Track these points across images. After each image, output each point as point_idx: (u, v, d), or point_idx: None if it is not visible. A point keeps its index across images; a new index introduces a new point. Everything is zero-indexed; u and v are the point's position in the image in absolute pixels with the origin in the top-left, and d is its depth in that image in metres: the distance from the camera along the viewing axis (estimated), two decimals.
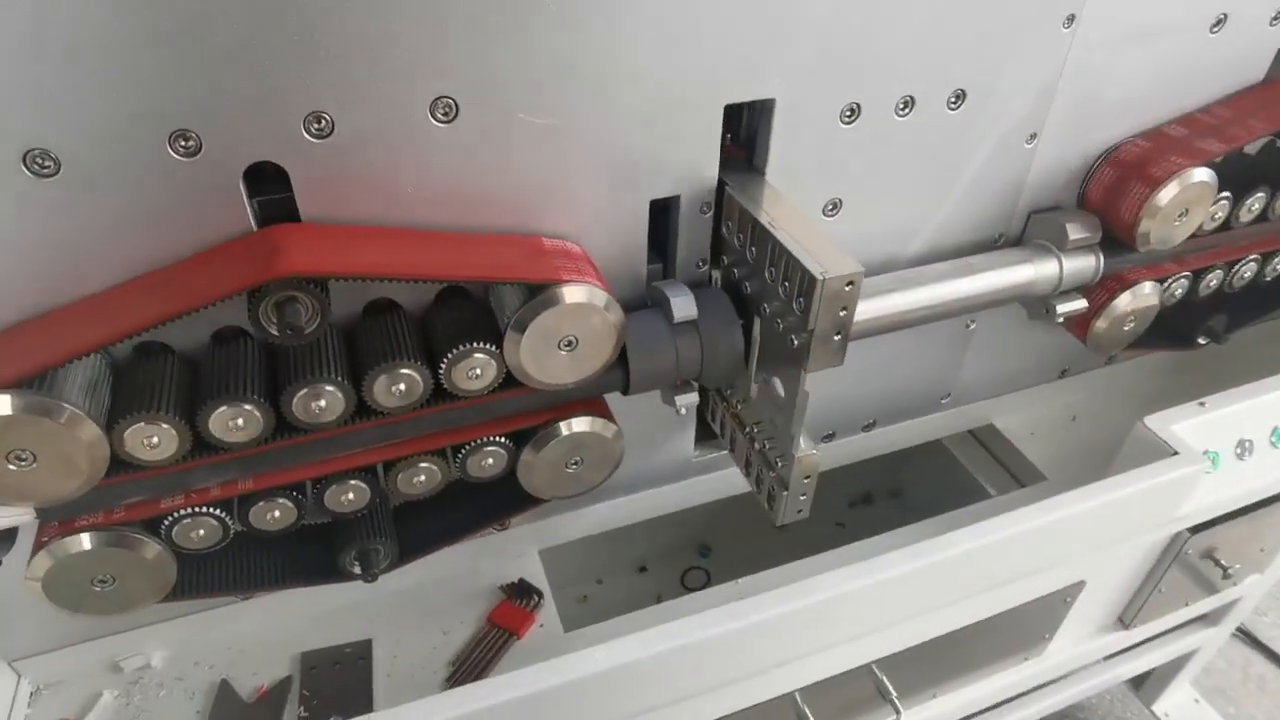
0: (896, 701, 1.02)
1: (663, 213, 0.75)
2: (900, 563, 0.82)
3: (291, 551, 0.77)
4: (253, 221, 0.62)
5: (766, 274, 0.69)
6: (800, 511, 0.81)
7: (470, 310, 0.69)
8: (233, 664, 0.84)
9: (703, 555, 1.29)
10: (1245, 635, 1.78)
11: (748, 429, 0.84)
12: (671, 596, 1.23)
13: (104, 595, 0.66)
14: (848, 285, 0.63)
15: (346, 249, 0.61)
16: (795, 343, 0.67)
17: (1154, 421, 0.92)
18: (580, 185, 0.69)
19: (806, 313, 0.64)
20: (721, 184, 0.73)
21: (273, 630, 0.86)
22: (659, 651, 0.74)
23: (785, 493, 0.79)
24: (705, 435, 0.95)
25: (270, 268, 0.57)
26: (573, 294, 0.64)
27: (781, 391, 0.73)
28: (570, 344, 0.66)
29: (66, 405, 0.56)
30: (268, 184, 0.61)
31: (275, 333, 0.59)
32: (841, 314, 0.65)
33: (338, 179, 0.62)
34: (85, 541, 0.63)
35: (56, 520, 0.63)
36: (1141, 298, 0.93)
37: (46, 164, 0.55)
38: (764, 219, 0.68)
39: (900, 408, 1.04)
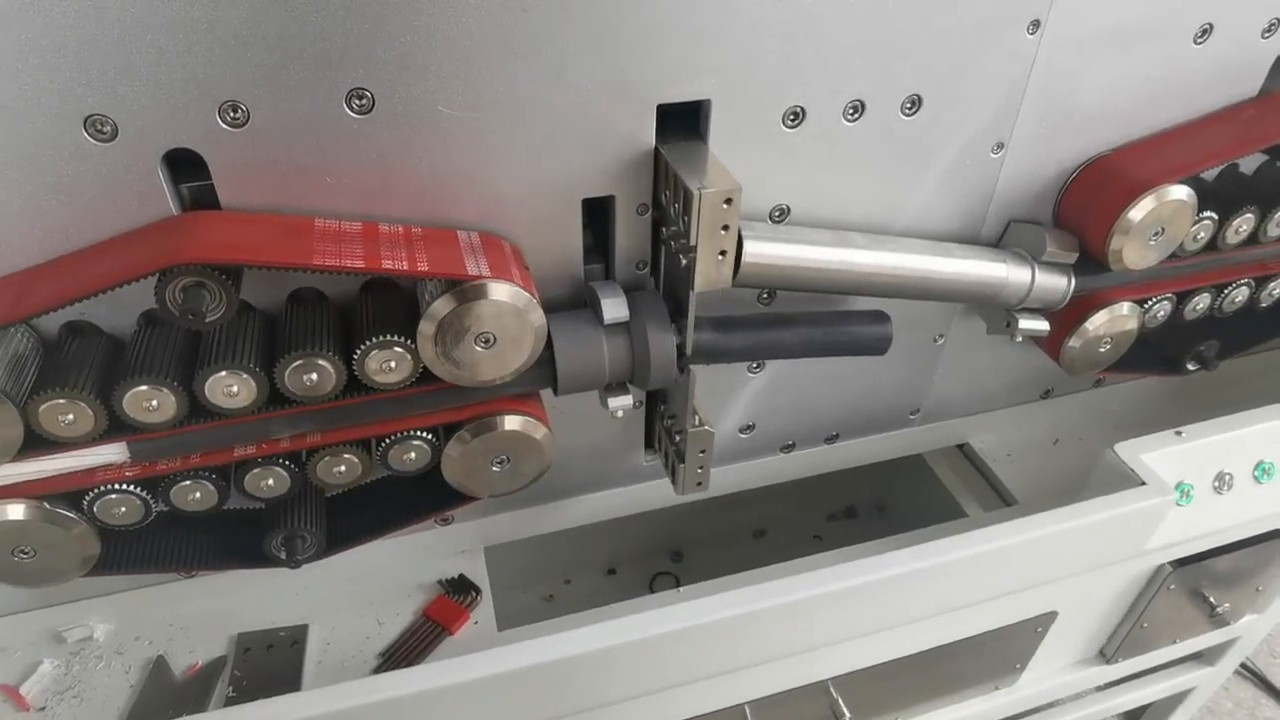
0: None
1: (600, 212, 0.74)
2: (842, 577, 0.80)
3: (223, 533, 0.78)
4: (174, 207, 0.63)
5: (671, 209, 0.69)
6: (700, 484, 0.85)
7: (393, 303, 0.69)
8: (172, 641, 0.85)
9: (674, 560, 1.28)
10: (1255, 676, 1.69)
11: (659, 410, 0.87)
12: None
13: (26, 566, 0.68)
14: (726, 201, 0.64)
15: (256, 238, 0.62)
16: (684, 262, 0.68)
17: (1124, 449, 0.88)
18: (506, 181, 0.68)
19: (688, 229, 0.65)
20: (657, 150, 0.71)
21: (215, 610, 0.87)
22: (585, 651, 0.74)
23: (682, 465, 0.82)
24: None
25: (172, 254, 0.57)
26: (491, 291, 0.64)
27: None
28: (487, 341, 0.66)
29: None
30: (198, 170, 0.62)
31: (178, 316, 0.59)
32: (723, 231, 0.65)
33: (255, 168, 0.62)
34: (5, 512, 0.65)
35: None
36: (1119, 319, 0.89)
37: None
38: (674, 161, 0.68)
39: (865, 422, 1.01)
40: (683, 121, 0.71)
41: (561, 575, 1.24)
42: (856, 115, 0.74)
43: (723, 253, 0.67)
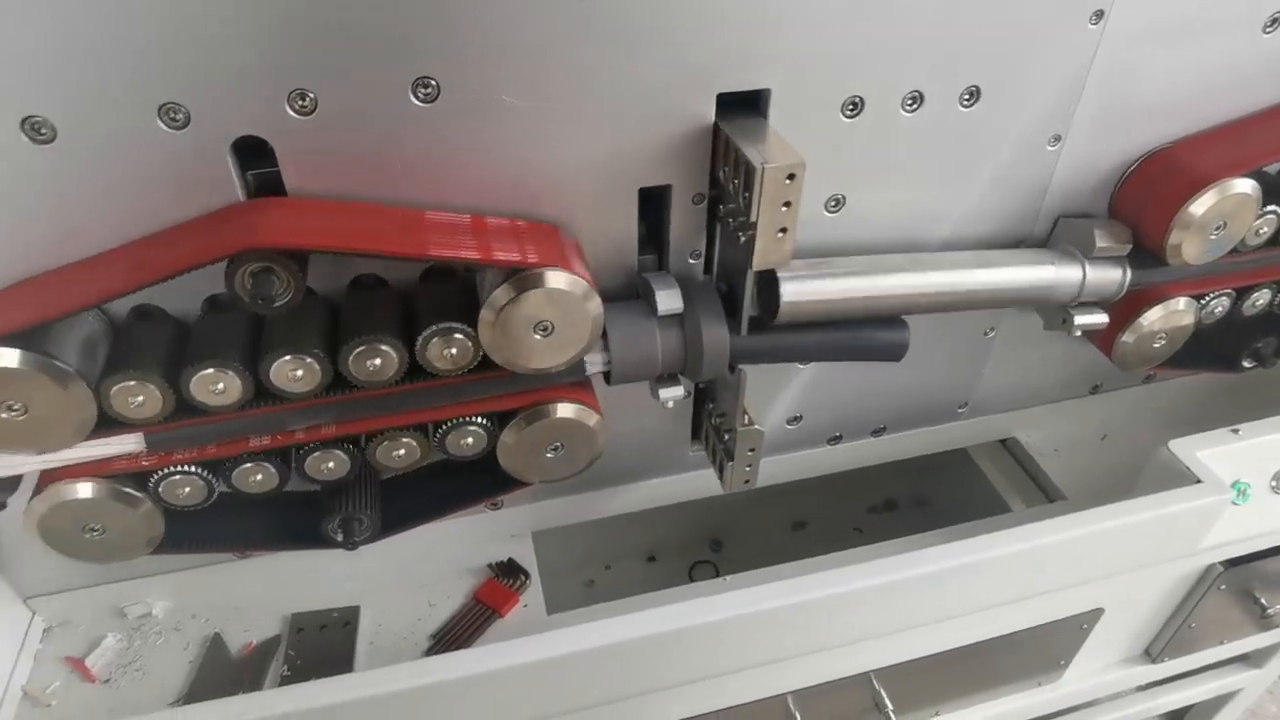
0: (891, 715, 0.99)
1: (655, 202, 0.74)
2: (892, 570, 0.80)
3: (281, 514, 0.79)
4: (242, 194, 0.64)
5: (730, 186, 0.68)
6: (747, 482, 0.84)
7: (452, 290, 0.70)
8: (228, 619, 0.87)
9: (714, 549, 1.28)
10: None
11: (706, 407, 0.87)
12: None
13: (95, 543, 0.70)
14: (789, 177, 0.63)
15: (319, 224, 0.63)
16: (743, 239, 0.67)
17: (1179, 446, 0.87)
18: (566, 171, 0.69)
19: (749, 205, 0.64)
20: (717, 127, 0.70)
21: (269, 590, 0.89)
22: (635, 637, 0.74)
23: (730, 463, 0.82)
24: None
25: (241, 239, 0.58)
26: (550, 279, 0.64)
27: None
28: (546, 329, 0.67)
29: (59, 362, 0.59)
30: (264, 158, 0.63)
31: (248, 301, 0.60)
32: (784, 208, 0.64)
33: (321, 155, 0.63)
34: (75, 491, 0.66)
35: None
36: (1174, 314, 0.88)
37: (44, 131, 0.57)
38: (735, 137, 0.67)
39: (913, 414, 1.01)
40: (738, 106, 0.71)
41: (602, 561, 1.25)
42: (915, 106, 0.74)
43: (783, 230, 0.66)
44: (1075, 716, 1.22)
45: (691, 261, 0.78)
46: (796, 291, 0.75)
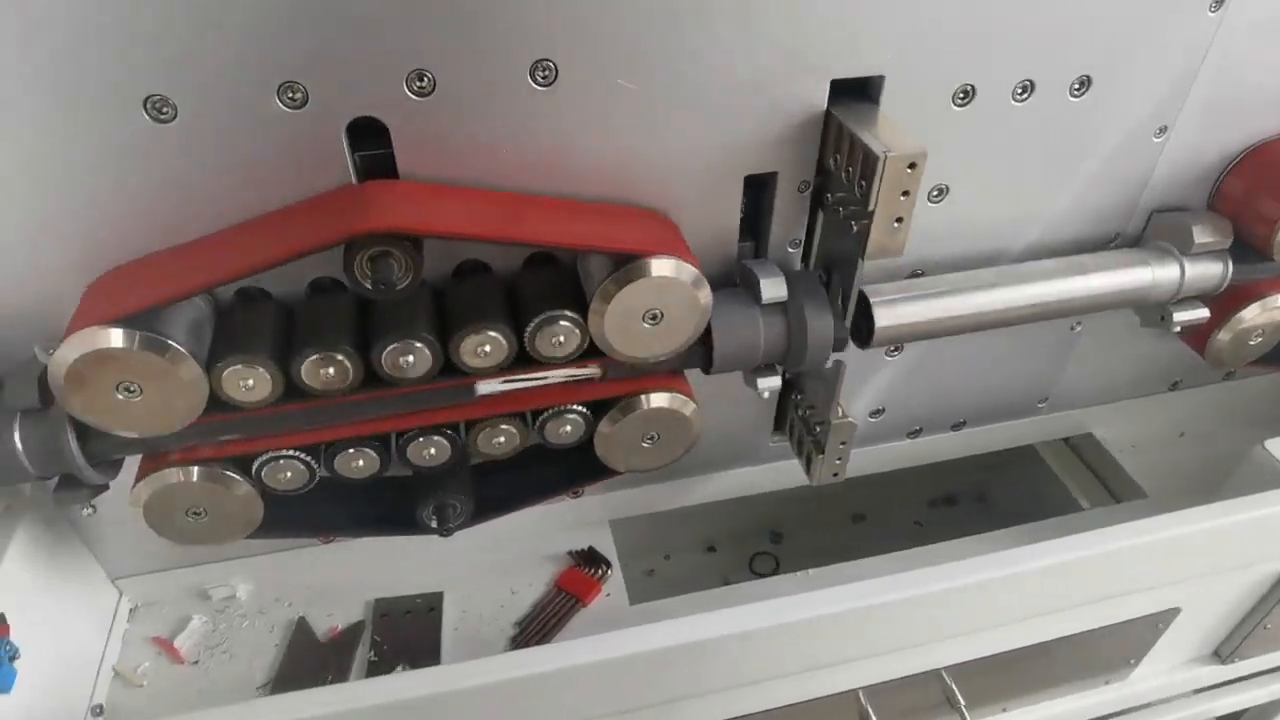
0: (965, 711, 0.98)
1: (756, 189, 0.73)
2: (981, 569, 0.79)
3: (370, 500, 0.79)
4: (353, 175, 0.63)
5: (843, 174, 0.67)
6: (836, 475, 0.84)
7: (558, 277, 0.70)
8: (310, 603, 0.87)
9: (773, 541, 1.28)
10: None
11: (793, 398, 0.86)
12: (738, 579, 1.23)
13: (196, 526, 0.69)
14: (910, 166, 0.61)
15: (438, 208, 0.62)
16: (855, 228, 0.66)
17: (1276, 446, 0.86)
18: (674, 156, 0.68)
19: (867, 194, 0.63)
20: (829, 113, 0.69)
21: (350, 575, 0.89)
22: (725, 634, 0.74)
23: (820, 456, 0.81)
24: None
25: (361, 222, 0.58)
26: (660, 267, 0.63)
27: None
28: (655, 318, 0.66)
29: (173, 343, 0.59)
30: (370, 139, 0.62)
31: (369, 286, 0.60)
32: (903, 198, 0.63)
33: (436, 138, 0.62)
34: (180, 474, 0.66)
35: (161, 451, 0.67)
36: (1272, 311, 0.86)
37: (165, 110, 0.57)
38: (850, 123, 0.66)
39: (993, 409, 1.00)
40: (849, 93, 0.69)
41: (661, 551, 1.25)
42: (1025, 95, 0.72)
43: (899, 220, 0.65)
44: (1137, 715, 1.21)
45: (790, 250, 0.77)
46: (891, 315, 0.75)
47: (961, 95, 0.71)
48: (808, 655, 0.82)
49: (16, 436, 0.63)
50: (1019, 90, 0.72)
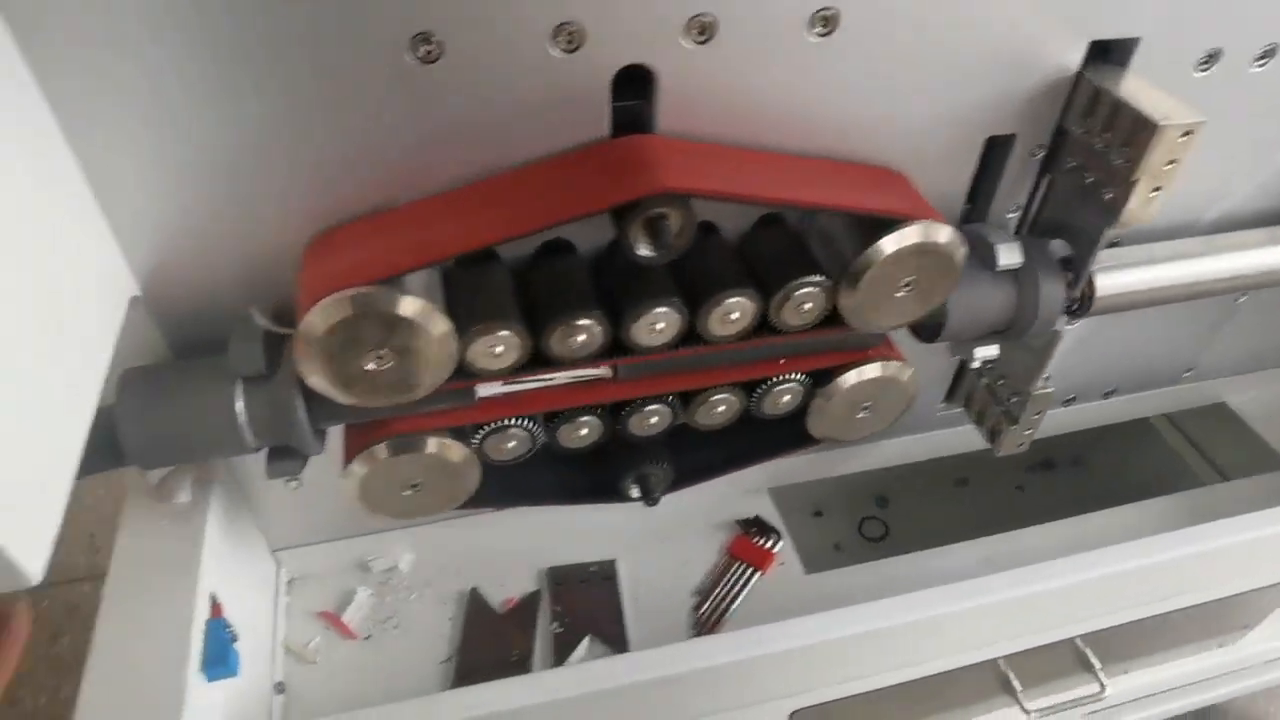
0: (1101, 676, 1.00)
1: (988, 152, 0.70)
2: (1149, 552, 0.79)
3: (563, 469, 0.76)
4: (608, 130, 0.59)
5: (1096, 140, 0.65)
6: (1021, 446, 0.83)
7: (793, 240, 0.66)
8: (477, 574, 0.84)
9: (879, 505, 1.27)
10: None
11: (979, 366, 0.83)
12: (849, 544, 1.23)
13: (411, 499, 0.66)
14: (1184, 134, 0.59)
15: (712, 167, 0.58)
16: (1108, 196, 0.64)
17: None
18: (924, 114, 0.64)
19: (1135, 162, 0.61)
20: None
21: (512, 544, 0.86)
22: (917, 619, 0.73)
23: (1013, 427, 0.80)
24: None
25: (653, 182, 0.54)
26: (931, 232, 0.60)
27: None
28: (910, 285, 0.63)
29: (436, 310, 0.54)
30: (627, 92, 0.58)
31: (643, 251, 0.56)
32: (1167, 167, 0.61)
33: (704, 90, 0.58)
34: (409, 445, 0.63)
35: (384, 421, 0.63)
36: None
37: (432, 49, 0.52)
38: (1108, 86, 0.63)
39: (1141, 377, 0.99)
40: (1097, 55, 0.67)
41: None
42: (1265, 61, 0.70)
43: (1157, 189, 0.63)
44: (1242, 676, 1.24)
45: (1009, 215, 0.74)
46: (1111, 284, 0.73)
47: (1205, 60, 0.68)
48: (978, 635, 0.83)
49: (240, 405, 0.58)
50: (1260, 56, 0.70)
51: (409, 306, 0.53)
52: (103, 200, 0.54)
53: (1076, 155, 0.68)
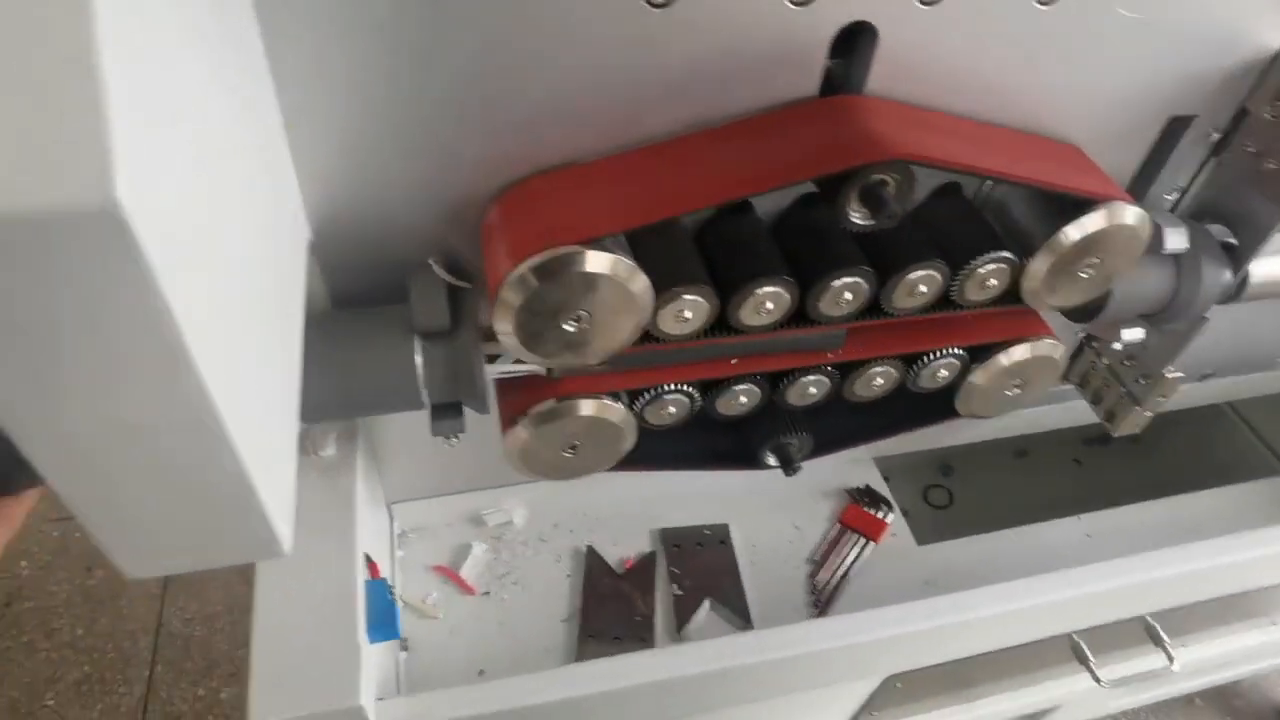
0: (1170, 649, 1.02)
1: (1166, 130, 0.68)
2: (1231, 550, 0.81)
3: (704, 436, 0.75)
4: (817, 87, 0.56)
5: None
6: (1139, 427, 0.85)
7: (974, 213, 0.65)
8: (591, 532, 0.83)
9: (944, 474, 1.28)
10: None
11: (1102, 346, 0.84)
12: (915, 511, 1.23)
13: (568, 461, 0.64)
14: None
15: (928, 133, 0.56)
16: None
17: None
18: (1113, 89, 0.62)
19: None
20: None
21: (625, 504, 0.85)
22: (1027, 606, 0.74)
23: (1136, 408, 0.81)
24: None
25: (872, 148, 0.51)
26: (1122, 213, 0.59)
27: None
28: (1093, 266, 0.62)
29: (641, 272, 0.52)
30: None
31: (859, 219, 0.54)
32: None
33: (921, 52, 0.55)
34: (579, 408, 0.61)
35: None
36: None
37: None
38: None
39: (1237, 361, 1.00)
40: None
41: None
42: None
43: None
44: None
45: (1167, 197, 0.73)
46: (1265, 272, 0.72)
47: None
48: (1071, 615, 0.84)
49: (419, 360, 0.56)
50: None
51: (616, 268, 0.51)
52: (291, 138, 0.50)
53: (1259, 140, 0.66)
